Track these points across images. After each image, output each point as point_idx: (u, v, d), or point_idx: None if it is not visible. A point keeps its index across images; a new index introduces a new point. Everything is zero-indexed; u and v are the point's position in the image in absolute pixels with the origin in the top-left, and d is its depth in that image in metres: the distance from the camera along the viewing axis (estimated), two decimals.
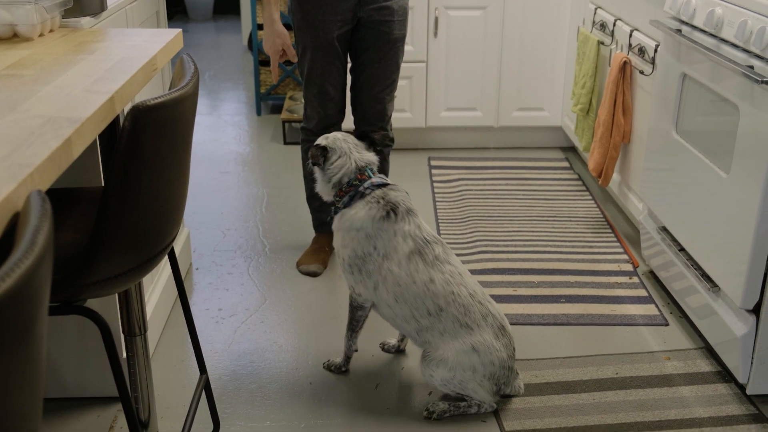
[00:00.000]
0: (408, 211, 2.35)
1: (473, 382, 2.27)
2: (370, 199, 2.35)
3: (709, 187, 2.49)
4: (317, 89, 2.97)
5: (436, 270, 2.29)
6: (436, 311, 2.27)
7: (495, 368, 2.27)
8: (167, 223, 1.64)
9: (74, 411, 2.32)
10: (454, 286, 2.28)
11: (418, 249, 2.30)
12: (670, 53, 2.79)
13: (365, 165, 2.41)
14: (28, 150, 1.19)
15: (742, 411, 2.31)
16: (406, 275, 2.28)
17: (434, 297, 2.27)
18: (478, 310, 2.28)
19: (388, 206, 2.33)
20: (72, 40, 1.93)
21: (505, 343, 2.30)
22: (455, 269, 2.32)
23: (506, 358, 2.29)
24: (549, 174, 4.10)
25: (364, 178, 2.38)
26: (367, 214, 2.33)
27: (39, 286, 0.86)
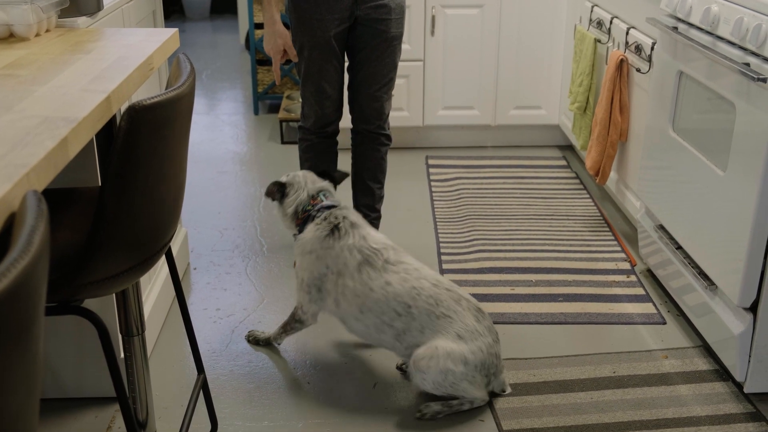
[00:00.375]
0: (352, 225, 2.42)
1: (465, 380, 2.26)
2: (317, 221, 2.44)
3: (706, 184, 2.49)
4: (315, 88, 2.97)
5: (388, 273, 2.33)
6: (404, 310, 2.29)
7: (484, 355, 2.27)
8: (164, 222, 1.64)
9: (72, 411, 2.32)
10: (413, 281, 2.31)
11: (365, 259, 2.35)
12: (666, 51, 2.79)
13: (317, 191, 2.51)
14: (24, 150, 1.19)
15: (739, 409, 2.32)
16: (361, 286, 2.33)
17: (396, 297, 2.30)
18: (449, 297, 2.31)
19: (331, 224, 2.42)
20: (68, 40, 1.93)
21: (487, 326, 2.31)
22: (410, 266, 2.36)
23: (492, 342, 2.30)
24: (546, 172, 4.10)
25: (317, 203, 2.48)
26: (313, 235, 2.43)
27: (35, 286, 0.86)
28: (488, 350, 2.28)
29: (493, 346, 2.30)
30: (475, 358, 2.26)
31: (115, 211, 1.45)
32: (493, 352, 2.30)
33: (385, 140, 3.15)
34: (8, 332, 0.81)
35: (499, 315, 2.80)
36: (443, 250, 3.28)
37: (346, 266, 2.36)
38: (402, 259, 2.38)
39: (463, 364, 2.25)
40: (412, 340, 2.30)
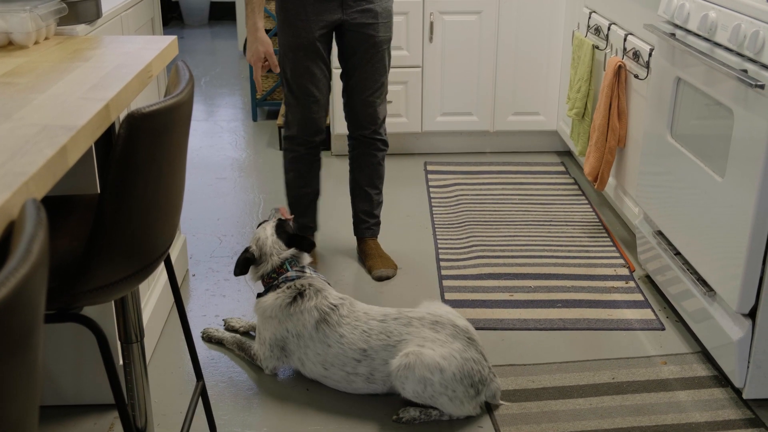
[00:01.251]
0: (317, 291, 2.46)
1: (444, 395, 2.25)
2: (279, 290, 2.48)
3: (704, 191, 2.49)
4: (301, 91, 2.96)
5: (341, 326, 2.38)
6: (361, 355, 2.35)
7: (458, 361, 2.24)
8: (163, 230, 1.64)
9: (71, 418, 2.32)
10: (362, 326, 2.36)
11: (322, 317, 2.40)
12: (664, 57, 2.80)
13: (282, 262, 2.53)
14: (23, 158, 1.19)
15: (738, 416, 2.32)
16: (320, 344, 2.40)
17: (350, 345, 2.35)
18: (397, 325, 2.35)
19: (295, 292, 2.46)
20: (67, 48, 1.93)
21: (449, 333, 2.30)
22: (358, 313, 2.41)
23: (462, 347, 2.28)
24: (545, 178, 4.11)
25: (282, 272, 2.52)
26: (273, 302, 2.47)
27: (35, 294, 0.86)
28: (461, 355, 2.26)
29: (466, 351, 2.27)
30: (450, 364, 2.24)
31: (114, 219, 1.45)
32: (469, 357, 2.27)
33: (382, 145, 3.15)
34: (8, 340, 0.81)
35: (497, 321, 2.80)
36: (442, 256, 3.28)
37: (305, 327, 2.42)
38: (354, 308, 2.42)
39: (440, 372, 2.23)
40: (382, 376, 2.33)
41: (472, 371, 2.26)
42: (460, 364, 2.25)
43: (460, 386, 2.25)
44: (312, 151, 3.09)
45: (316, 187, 3.19)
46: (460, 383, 2.25)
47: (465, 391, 2.26)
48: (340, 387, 2.43)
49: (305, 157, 3.10)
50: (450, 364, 2.24)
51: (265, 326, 2.50)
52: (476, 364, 2.28)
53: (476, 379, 2.27)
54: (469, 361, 2.27)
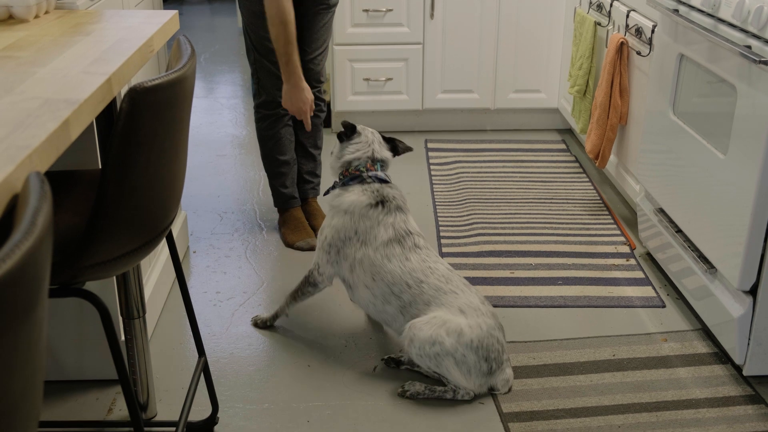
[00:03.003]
0: (398, 208, 2.43)
1: (450, 356, 2.22)
2: (366, 188, 2.44)
3: (706, 168, 2.49)
4: (270, 52, 3.00)
5: (412, 253, 2.36)
6: (416, 283, 2.32)
7: (482, 332, 2.23)
8: (165, 205, 1.64)
9: (73, 393, 2.32)
10: (430, 263, 2.36)
11: (397, 237, 2.38)
12: (667, 34, 2.78)
13: (379, 159, 2.51)
14: (26, 132, 1.19)
15: (738, 392, 2.33)
16: (381, 257, 2.36)
17: (411, 272, 2.33)
18: (459, 280, 2.36)
19: (379, 197, 2.42)
20: (68, 22, 1.92)
21: (491, 311, 2.32)
22: (432, 253, 2.41)
23: (494, 325, 2.28)
24: (546, 156, 4.10)
25: (372, 169, 2.48)
26: (357, 198, 2.43)
27: (39, 267, 0.86)
28: (488, 330, 2.25)
29: (494, 329, 2.27)
30: (472, 332, 2.23)
31: (117, 194, 1.45)
32: (495, 336, 2.27)
33: (323, 107, 3.28)
34: (13, 313, 0.81)
35: (498, 298, 2.80)
36: (443, 233, 3.28)
37: (375, 239, 2.37)
38: (429, 248, 2.42)
39: (457, 335, 2.22)
40: (415, 313, 2.31)
41: (491, 346, 2.25)
42: (482, 335, 2.24)
43: (473, 355, 2.23)
44: (286, 113, 3.16)
45: (293, 155, 3.26)
46: (474, 352, 2.23)
47: (476, 362, 2.24)
48: (370, 304, 2.41)
49: (281, 119, 3.17)
50: (472, 331, 2.23)
51: (332, 223, 2.44)
52: (498, 344, 2.28)
53: (492, 356, 2.26)
54: (493, 338, 2.26)
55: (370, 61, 4.23)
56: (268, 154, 3.23)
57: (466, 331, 2.23)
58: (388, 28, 4.18)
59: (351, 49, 4.20)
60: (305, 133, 3.27)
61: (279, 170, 3.24)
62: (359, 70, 4.24)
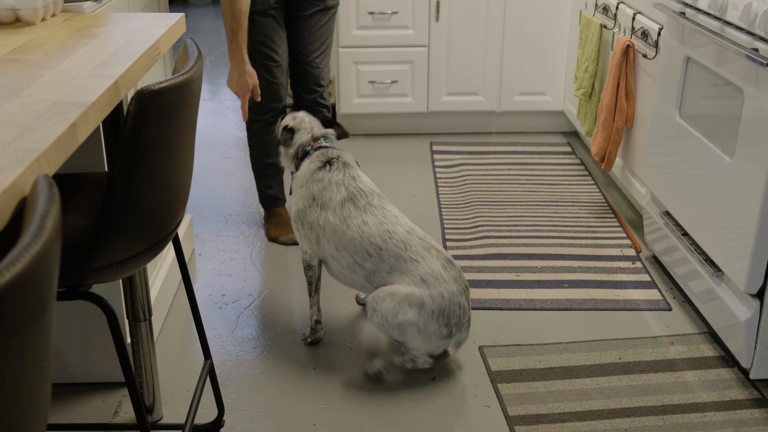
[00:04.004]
0: (345, 164, 2.50)
1: (414, 326, 2.29)
2: (313, 158, 2.54)
3: (712, 171, 2.48)
4: (263, 56, 3.03)
5: (368, 214, 2.40)
6: (375, 251, 2.36)
7: (444, 301, 2.30)
8: (172, 208, 1.64)
9: (79, 396, 2.32)
10: (388, 225, 2.39)
11: (350, 197, 2.43)
12: (673, 36, 2.78)
13: (320, 135, 2.61)
14: (34, 134, 1.19)
15: (745, 396, 2.32)
16: (339, 221, 2.40)
17: (370, 237, 2.37)
18: (419, 244, 2.37)
19: (325, 159, 2.51)
20: (74, 25, 1.92)
21: (453, 276, 2.34)
22: (389, 212, 2.43)
23: (456, 291, 2.32)
24: (551, 159, 4.09)
25: (316, 144, 2.58)
26: (306, 168, 2.53)
27: (48, 270, 0.86)
28: (450, 298, 2.31)
29: (456, 296, 2.32)
30: (434, 303, 2.30)
31: (124, 196, 1.45)
32: (456, 302, 2.32)
33: (326, 112, 3.26)
34: (23, 316, 0.80)
35: (504, 301, 2.80)
36: (448, 236, 3.27)
37: (330, 200, 2.44)
38: (384, 206, 2.45)
39: (419, 307, 2.29)
40: (380, 281, 2.37)
41: (452, 314, 2.32)
42: (444, 304, 2.30)
43: (434, 323, 2.31)
44: (274, 120, 3.17)
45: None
46: (435, 320, 2.31)
47: (437, 329, 2.32)
48: (341, 275, 2.48)
49: (270, 126, 3.17)
50: (434, 302, 2.29)
51: (294, 199, 2.55)
52: (459, 309, 2.33)
53: (453, 322, 2.33)
54: (455, 305, 2.32)
55: (375, 63, 4.23)
56: (255, 156, 3.29)
57: (428, 302, 2.29)
58: (394, 30, 4.18)
59: (356, 51, 4.20)
60: None
61: (265, 172, 3.29)
62: (364, 72, 4.24)
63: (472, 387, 2.37)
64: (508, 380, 2.39)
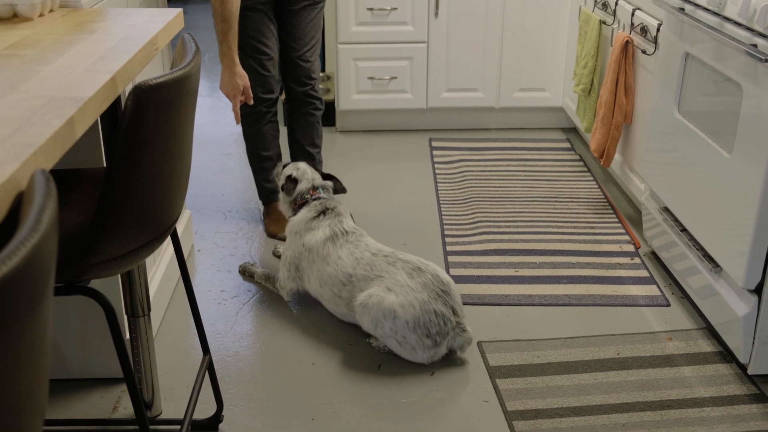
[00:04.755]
0: (338, 214, 2.65)
1: (392, 338, 2.38)
2: (310, 206, 2.70)
3: (711, 167, 2.48)
4: (254, 49, 3.05)
5: (343, 249, 2.54)
6: (347, 279, 2.49)
7: (416, 311, 2.33)
8: (170, 203, 1.64)
9: (78, 392, 2.33)
10: (357, 254, 2.51)
11: (332, 236, 2.57)
12: (672, 32, 2.78)
13: (320, 185, 2.77)
14: (31, 129, 1.19)
15: (743, 391, 2.32)
16: (321, 261, 2.56)
17: (342, 268, 2.51)
18: (384, 261, 2.45)
19: (321, 209, 2.67)
20: (72, 20, 1.92)
21: (421, 282, 2.37)
22: (361, 243, 2.54)
23: (426, 299, 2.35)
24: (550, 155, 4.10)
25: (315, 194, 2.74)
26: (302, 216, 2.69)
27: (45, 264, 0.86)
28: (422, 307, 2.34)
29: (427, 304, 2.34)
30: (405, 313, 2.34)
31: (122, 192, 1.45)
32: (430, 310, 2.34)
33: (319, 104, 3.31)
34: (18, 310, 0.81)
35: (503, 297, 2.80)
36: (447, 232, 3.28)
37: (316, 242, 2.59)
38: (360, 240, 2.56)
39: (393, 318, 2.35)
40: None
41: (429, 323, 2.34)
42: (416, 314, 2.34)
43: (413, 335, 2.35)
44: (269, 110, 3.20)
45: (277, 149, 3.31)
46: (412, 332, 2.35)
47: (418, 340, 2.36)
48: (329, 308, 2.61)
49: (264, 117, 3.19)
50: (405, 312, 2.34)
51: (289, 244, 2.69)
52: (437, 317, 2.35)
53: (433, 331, 2.35)
54: (430, 313, 2.34)
55: (374, 59, 4.23)
56: (251, 150, 3.29)
57: (399, 312, 2.35)
58: (393, 26, 4.18)
59: (355, 47, 4.20)
60: (301, 131, 3.31)
61: (262, 165, 3.30)
62: (363, 68, 4.24)
63: (470, 382, 2.38)
64: (507, 375, 2.39)
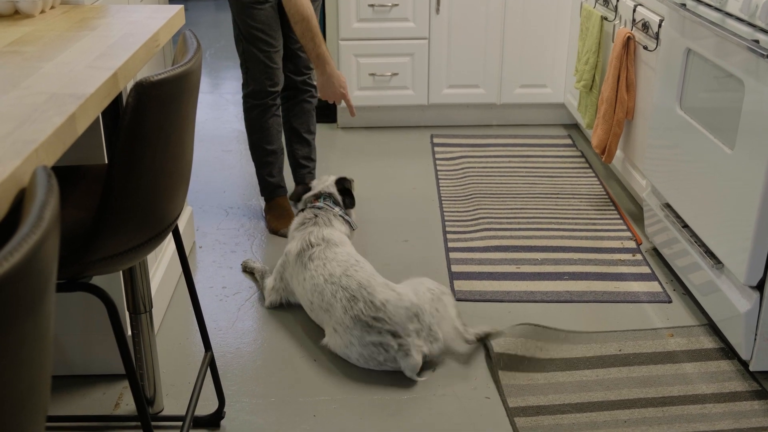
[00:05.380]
0: (315, 224, 2.64)
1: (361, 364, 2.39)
2: (302, 214, 2.72)
3: (713, 163, 2.48)
4: (264, 43, 3.07)
5: (307, 269, 2.52)
6: (309, 305, 2.53)
7: (357, 348, 2.35)
8: (171, 200, 1.64)
9: (80, 388, 2.33)
10: (316, 278, 2.48)
11: (301, 250, 2.56)
12: (674, 28, 2.77)
13: (324, 195, 2.77)
14: (32, 126, 1.19)
15: (745, 387, 2.32)
16: (296, 275, 2.56)
17: (305, 294, 2.53)
18: (329, 291, 2.43)
19: (306, 219, 2.67)
20: (73, 17, 1.92)
21: (354, 314, 2.33)
22: (318, 263, 2.50)
23: (360, 333, 2.33)
24: (552, 151, 4.09)
25: (316, 203, 2.75)
26: (293, 224, 2.72)
27: (47, 260, 0.86)
28: (360, 342, 2.33)
29: (362, 337, 2.33)
30: (351, 353, 2.38)
31: (123, 188, 1.45)
32: (368, 342, 2.32)
33: (314, 92, 3.35)
34: (20, 306, 0.81)
35: (504, 293, 2.80)
36: (449, 228, 3.28)
37: (292, 253, 2.59)
38: (324, 255, 2.52)
39: (346, 357, 2.40)
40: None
41: (374, 354, 2.34)
42: (360, 351, 2.35)
43: (369, 364, 2.37)
44: (274, 103, 3.22)
45: (280, 144, 3.32)
46: (367, 363, 2.37)
47: (379, 366, 2.37)
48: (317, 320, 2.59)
49: (269, 110, 3.20)
50: (352, 352, 2.37)
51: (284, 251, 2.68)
52: (377, 347, 2.32)
53: (381, 359, 2.34)
54: (368, 346, 2.33)
55: (375, 56, 4.23)
56: (255, 143, 3.29)
57: (348, 353, 2.39)
58: (394, 23, 4.18)
59: (356, 44, 4.20)
60: (298, 119, 3.35)
61: (266, 159, 3.30)
62: (365, 65, 4.23)
63: (472, 378, 2.38)
64: (507, 369, 2.39)
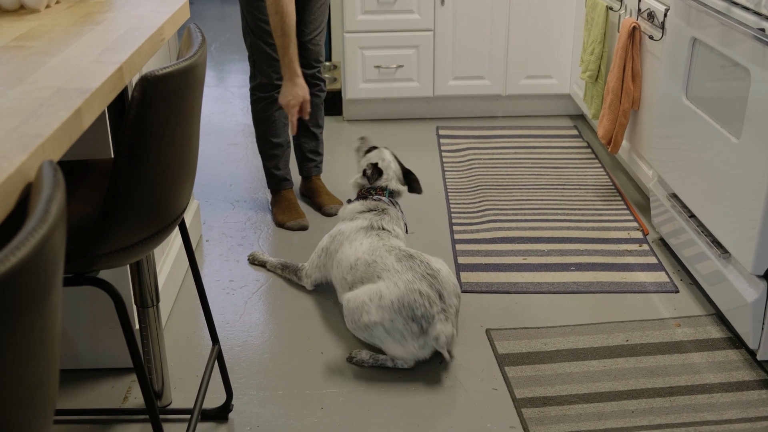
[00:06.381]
0: (386, 214, 2.62)
1: (380, 326, 2.28)
2: (367, 201, 2.66)
3: (719, 152, 2.47)
4: (270, 36, 3.03)
5: (368, 238, 2.51)
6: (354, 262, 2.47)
7: (400, 291, 2.27)
8: (177, 193, 1.64)
9: (88, 382, 2.34)
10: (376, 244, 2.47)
11: (367, 227, 2.56)
12: (680, 17, 2.76)
13: (391, 190, 2.72)
14: (38, 121, 1.19)
15: (752, 377, 2.32)
16: (347, 243, 2.54)
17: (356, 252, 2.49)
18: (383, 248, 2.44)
19: (374, 206, 2.64)
20: (79, 11, 1.92)
21: (408, 265, 2.34)
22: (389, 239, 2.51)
23: (411, 279, 2.29)
24: (558, 142, 4.09)
25: (381, 194, 2.70)
26: (354, 207, 2.67)
27: (53, 254, 0.87)
28: (406, 286, 2.27)
29: (412, 283, 2.27)
30: (390, 293, 2.28)
31: (129, 182, 1.45)
32: (414, 289, 2.26)
33: (323, 86, 3.34)
34: (27, 300, 0.81)
35: (511, 284, 2.80)
36: (455, 220, 3.28)
37: (351, 228, 2.57)
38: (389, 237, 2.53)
39: (378, 298, 2.29)
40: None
41: (414, 303, 2.25)
42: (401, 293, 2.27)
43: (399, 317, 2.26)
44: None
45: (286, 137, 3.32)
46: (398, 313, 2.25)
47: (405, 324, 2.26)
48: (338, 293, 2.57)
49: (275, 103, 3.20)
50: (390, 292, 2.29)
51: (331, 231, 2.68)
52: (422, 298, 2.25)
53: (418, 314, 2.25)
54: (414, 292, 2.26)
55: (380, 48, 4.22)
56: (262, 136, 3.30)
57: (385, 292, 2.29)
58: (399, 15, 4.17)
59: (362, 36, 4.20)
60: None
61: (272, 152, 3.30)
62: (370, 57, 4.23)
63: (479, 370, 2.38)
64: (515, 363, 2.39)
